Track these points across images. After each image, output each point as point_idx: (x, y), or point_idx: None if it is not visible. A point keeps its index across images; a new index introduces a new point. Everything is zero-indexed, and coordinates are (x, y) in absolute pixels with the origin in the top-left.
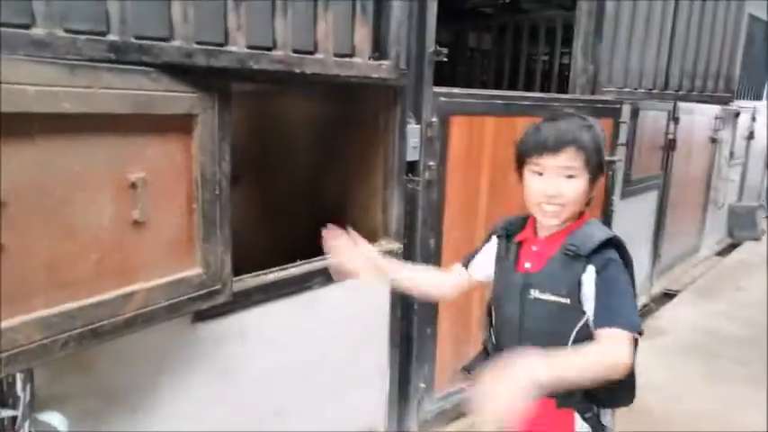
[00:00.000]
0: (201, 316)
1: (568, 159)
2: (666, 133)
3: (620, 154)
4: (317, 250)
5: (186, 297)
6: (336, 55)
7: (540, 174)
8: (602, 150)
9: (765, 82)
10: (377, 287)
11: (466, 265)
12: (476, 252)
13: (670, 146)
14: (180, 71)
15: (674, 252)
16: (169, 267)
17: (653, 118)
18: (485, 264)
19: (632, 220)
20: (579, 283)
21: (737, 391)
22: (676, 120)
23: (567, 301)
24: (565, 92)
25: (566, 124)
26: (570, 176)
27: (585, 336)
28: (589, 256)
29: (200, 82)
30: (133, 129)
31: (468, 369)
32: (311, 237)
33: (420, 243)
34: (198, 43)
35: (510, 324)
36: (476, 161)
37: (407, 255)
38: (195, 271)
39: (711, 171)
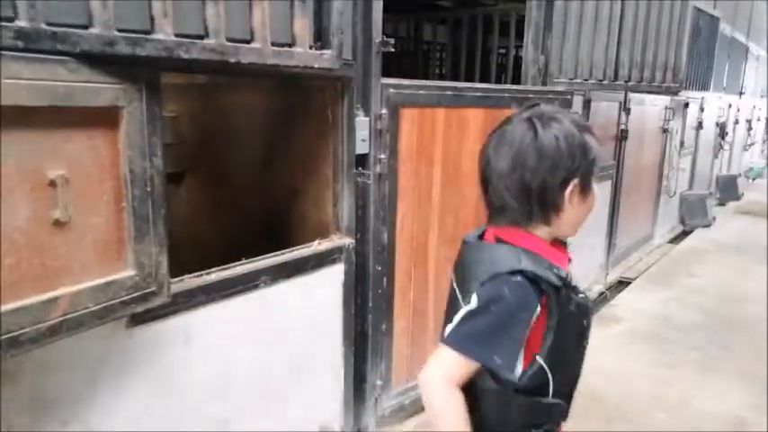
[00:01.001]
0: (138, 320)
1: None
2: (618, 123)
3: None
4: (268, 246)
5: (118, 300)
6: (275, 44)
7: None
8: None
9: (712, 73)
10: (329, 283)
11: (510, 370)
12: (515, 347)
13: (622, 136)
14: (101, 61)
15: (629, 240)
16: (98, 269)
17: (604, 108)
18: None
19: None
20: None
21: (691, 377)
22: (627, 110)
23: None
24: (518, 83)
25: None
26: None
27: None
28: None
29: (124, 72)
30: (51, 122)
31: None
32: (262, 232)
33: (373, 237)
34: (120, 31)
35: (580, 363)
36: (428, 153)
37: (360, 249)
38: (127, 273)
39: (663, 160)
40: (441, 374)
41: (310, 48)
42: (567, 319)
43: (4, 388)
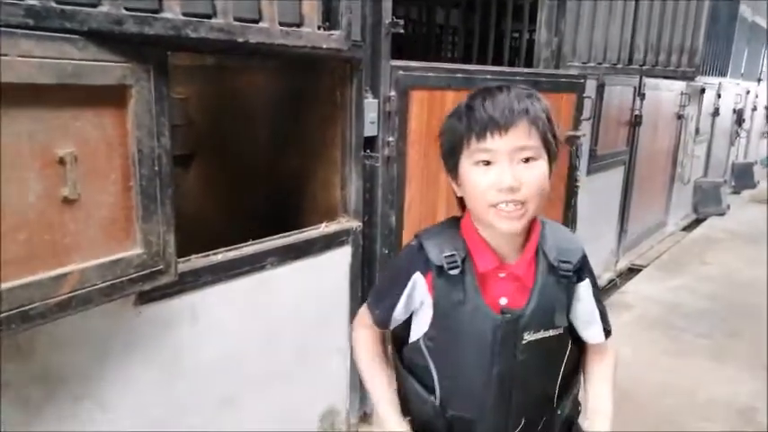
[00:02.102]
0: (145, 298)
1: (524, 136)
2: (632, 109)
3: (585, 129)
4: (276, 227)
5: (126, 278)
6: (283, 24)
7: (488, 162)
8: (554, 123)
9: (730, 58)
10: (336, 265)
11: (384, 324)
12: (386, 302)
13: (636, 121)
14: (109, 39)
15: (641, 227)
16: (106, 247)
17: (618, 93)
18: (402, 317)
19: (598, 195)
20: (570, 303)
21: (701, 364)
22: (642, 95)
23: (561, 330)
24: (531, 67)
25: (507, 94)
26: (528, 159)
27: (572, 364)
28: (581, 268)
29: (132, 51)
30: (60, 101)
31: None
32: (270, 214)
33: (380, 220)
34: (128, 9)
35: (498, 384)
36: (436, 136)
37: (367, 232)
38: (135, 251)
39: (677, 147)
40: (355, 320)
41: (318, 28)
42: (451, 309)
43: (17, 362)
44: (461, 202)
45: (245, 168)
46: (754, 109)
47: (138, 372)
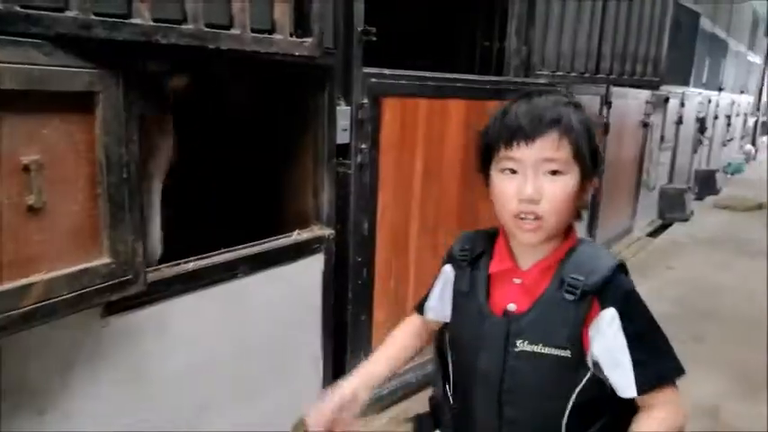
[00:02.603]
0: (113, 309)
1: (551, 148)
2: (599, 117)
3: None
4: (248, 235)
5: (93, 288)
6: (255, 31)
7: (513, 171)
8: (595, 137)
9: (692, 68)
10: (308, 273)
11: (420, 310)
12: (428, 292)
13: (603, 129)
14: (77, 44)
15: (609, 233)
16: (72, 257)
17: (586, 102)
18: (440, 305)
19: None
20: (582, 329)
21: None
22: (609, 104)
23: (568, 353)
24: (502, 75)
25: (544, 101)
26: (554, 172)
27: (590, 398)
28: (598, 291)
29: (101, 57)
30: (26, 107)
31: (420, 428)
32: (242, 222)
33: (353, 227)
34: (97, 14)
35: (483, 382)
36: (409, 143)
37: (340, 239)
38: (102, 260)
39: (643, 154)
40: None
41: (291, 35)
42: (460, 300)
43: None
44: None
45: (215, 176)
46: (716, 117)
47: (105, 384)
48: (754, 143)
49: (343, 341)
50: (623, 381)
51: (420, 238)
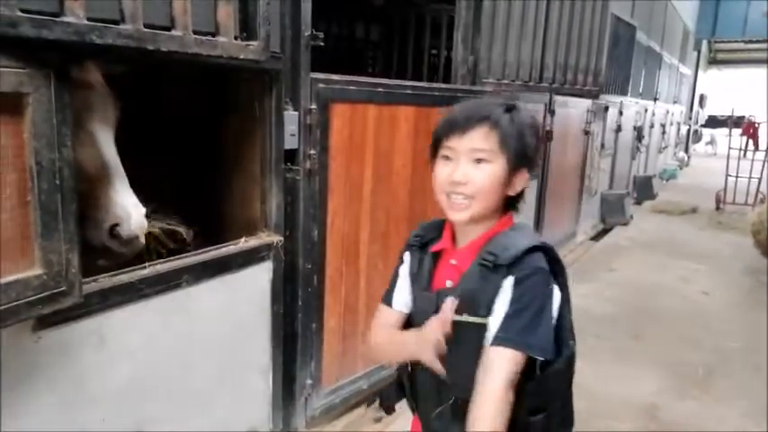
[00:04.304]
0: (46, 322)
1: (479, 139)
2: (543, 125)
3: None
4: (195, 244)
5: (23, 301)
6: (197, 33)
7: (449, 158)
8: (526, 136)
9: (629, 79)
10: (256, 282)
11: (388, 302)
12: (392, 282)
13: (547, 137)
14: (3, 43)
15: (554, 238)
16: (0, 268)
17: (530, 109)
18: (403, 294)
19: None
20: (495, 298)
21: (608, 366)
22: (552, 112)
23: (487, 321)
24: (449, 83)
25: (480, 102)
26: (480, 160)
27: None
28: (510, 266)
29: (30, 57)
30: None
31: (386, 400)
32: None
33: (302, 234)
34: (25, 11)
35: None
36: (359, 149)
37: (289, 246)
38: (34, 271)
39: (585, 161)
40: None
41: (236, 38)
42: (413, 280)
43: None
44: None
45: (157, 183)
46: (652, 126)
47: (40, 401)
48: (686, 150)
49: (293, 350)
50: (489, 332)
51: (371, 245)
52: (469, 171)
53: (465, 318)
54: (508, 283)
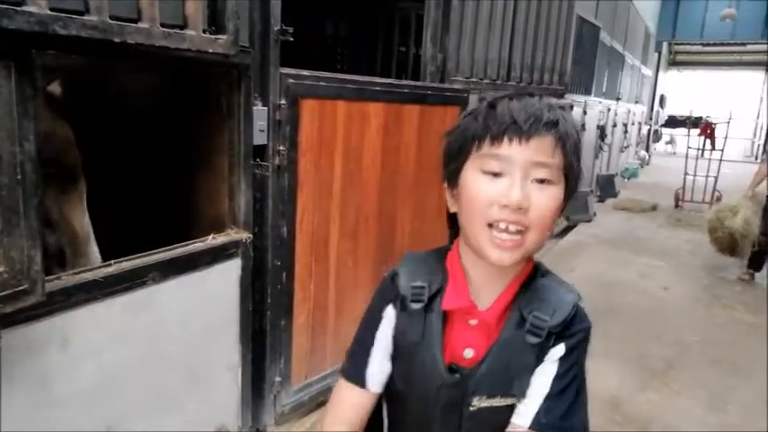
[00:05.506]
0: (7, 321)
1: (546, 152)
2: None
3: None
4: (160, 241)
5: None
6: (165, 25)
7: (496, 174)
8: (581, 152)
9: (593, 79)
10: (225, 279)
11: (359, 379)
12: (363, 347)
13: None
14: None
15: None
16: None
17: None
18: (384, 368)
19: None
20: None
21: None
22: None
23: (519, 399)
24: (418, 80)
25: (538, 101)
26: (544, 180)
27: None
28: (561, 330)
29: None
30: None
31: None
32: (152, 227)
33: (272, 231)
34: None
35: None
36: (329, 145)
37: (258, 243)
38: None
39: None
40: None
41: (204, 31)
42: (406, 351)
43: None
44: (452, 221)
45: (122, 178)
46: (614, 125)
47: (4, 402)
48: (647, 149)
49: (262, 348)
50: (523, 408)
51: (340, 242)
52: (532, 193)
53: (498, 402)
54: (557, 352)
